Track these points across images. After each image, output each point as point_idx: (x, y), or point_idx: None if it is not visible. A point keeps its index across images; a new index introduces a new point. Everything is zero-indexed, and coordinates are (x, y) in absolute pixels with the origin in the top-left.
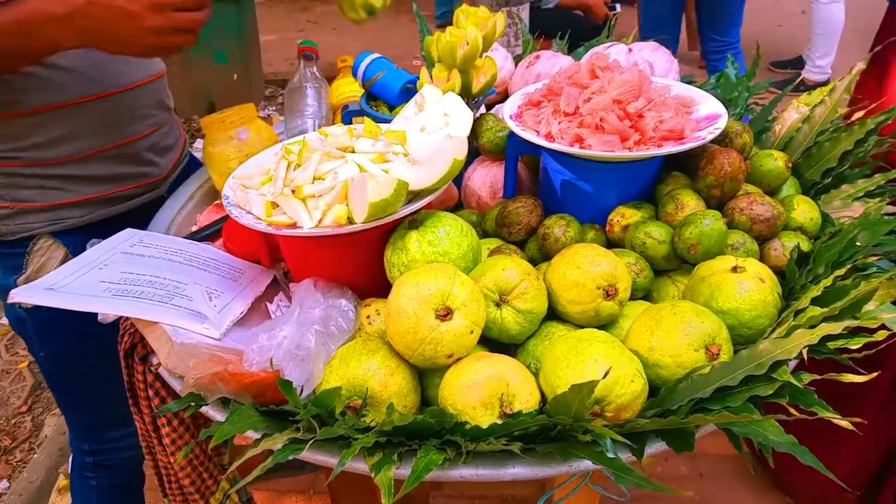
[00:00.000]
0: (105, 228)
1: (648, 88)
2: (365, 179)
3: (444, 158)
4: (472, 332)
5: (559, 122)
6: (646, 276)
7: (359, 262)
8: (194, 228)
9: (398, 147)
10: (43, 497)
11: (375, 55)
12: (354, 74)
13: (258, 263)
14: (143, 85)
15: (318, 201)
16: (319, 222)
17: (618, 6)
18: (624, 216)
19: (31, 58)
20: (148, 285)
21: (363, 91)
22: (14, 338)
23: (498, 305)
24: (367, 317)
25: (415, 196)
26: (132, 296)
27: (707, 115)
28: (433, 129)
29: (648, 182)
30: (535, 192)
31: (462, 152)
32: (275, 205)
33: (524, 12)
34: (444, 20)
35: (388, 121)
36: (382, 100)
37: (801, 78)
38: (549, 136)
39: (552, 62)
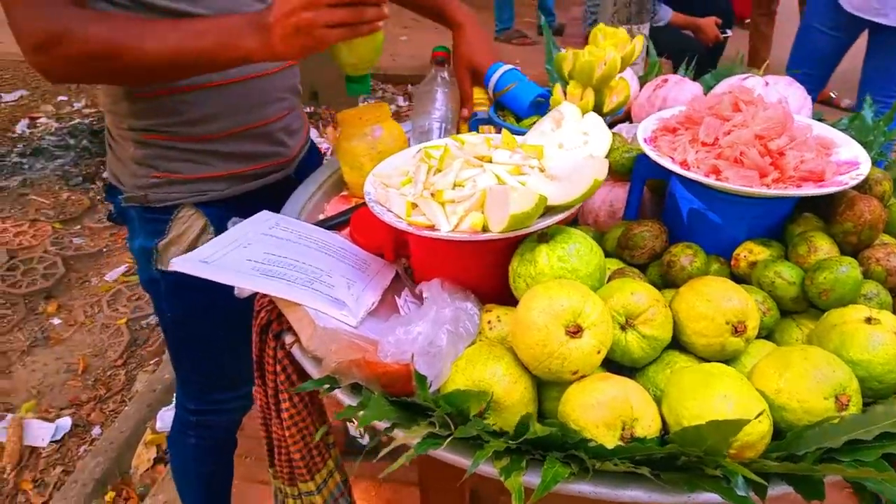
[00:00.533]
0: (240, 203)
1: (791, 126)
2: (507, 191)
3: (584, 177)
4: (598, 351)
5: (696, 151)
6: (772, 315)
7: (484, 268)
8: (321, 216)
9: (535, 161)
10: (131, 448)
11: (507, 66)
12: (485, 83)
13: (381, 257)
14: (282, 70)
15: (456, 207)
16: (456, 227)
17: (728, 31)
18: (752, 252)
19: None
20: (290, 268)
21: (491, 99)
22: (116, 294)
23: (623, 328)
24: (489, 322)
25: (548, 210)
26: (277, 276)
27: (848, 159)
28: (571, 147)
29: (779, 220)
30: (657, 216)
31: (603, 173)
32: (414, 205)
33: (645, 30)
34: (504, 34)
35: (518, 132)
36: (511, 110)
37: None
38: (684, 164)
39: (679, 87)
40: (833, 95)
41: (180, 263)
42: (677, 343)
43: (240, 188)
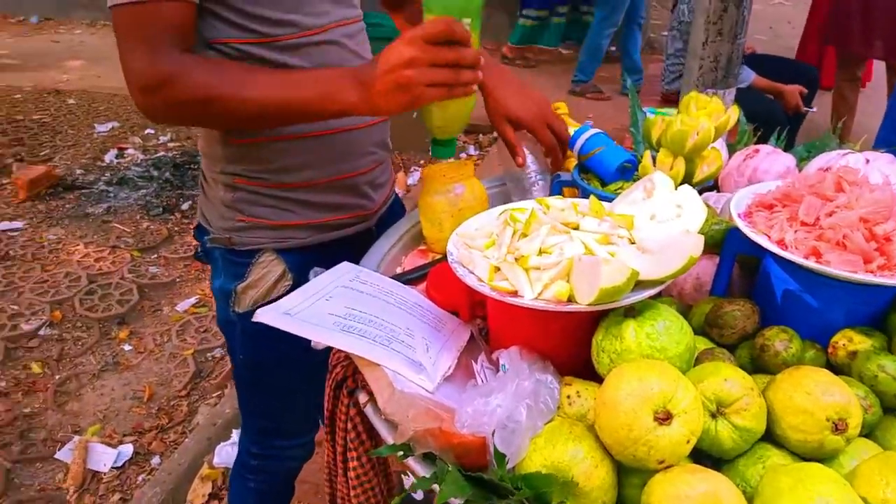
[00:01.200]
0: (320, 252)
1: None
2: (599, 263)
3: (679, 253)
4: (688, 441)
5: (795, 231)
6: (874, 412)
7: (564, 339)
8: (399, 270)
9: (624, 231)
10: (188, 480)
11: (595, 130)
12: (571, 146)
13: (456, 315)
14: (374, 125)
15: (541, 274)
16: (539, 294)
17: (814, 107)
18: (851, 341)
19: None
20: (370, 324)
21: (575, 161)
22: (185, 325)
23: (714, 417)
24: (568, 396)
25: (638, 284)
26: (356, 333)
27: None
28: (664, 219)
29: (881, 308)
30: (746, 293)
31: (698, 251)
32: (497, 269)
33: (731, 96)
34: (580, 86)
35: (604, 198)
36: (595, 174)
37: None
38: (781, 243)
39: (772, 159)
40: None
41: (265, 315)
42: (769, 436)
43: (320, 237)
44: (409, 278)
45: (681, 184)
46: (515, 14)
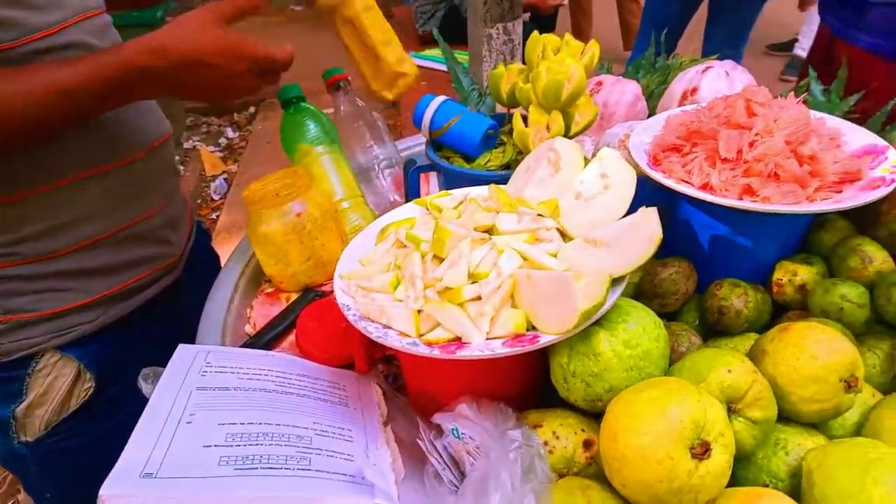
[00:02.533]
0: (121, 330)
1: (817, 125)
2: (567, 280)
3: (641, 238)
4: (729, 463)
5: (720, 172)
6: None
7: (513, 373)
8: (248, 328)
9: (551, 222)
10: None
11: (442, 98)
12: (416, 123)
13: (348, 367)
14: (158, 147)
15: (481, 306)
16: (490, 334)
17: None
18: (796, 274)
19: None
20: (269, 442)
21: (424, 137)
22: None
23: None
24: (546, 443)
25: None
26: (262, 466)
27: (865, 147)
28: (590, 196)
29: (804, 231)
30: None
31: (659, 229)
32: (418, 312)
33: (519, 28)
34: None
35: (481, 177)
36: (453, 149)
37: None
38: (707, 187)
39: (619, 89)
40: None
41: (112, 493)
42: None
43: (116, 311)
44: (268, 339)
45: None
46: None
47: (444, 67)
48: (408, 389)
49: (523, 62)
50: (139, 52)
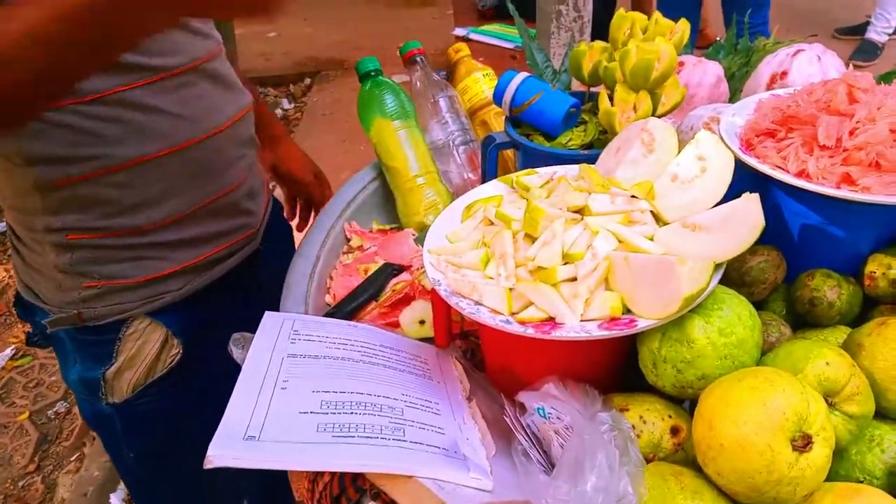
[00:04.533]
0: (206, 298)
1: None
2: (672, 265)
3: (744, 225)
4: (829, 458)
5: (817, 159)
6: None
7: (603, 357)
8: (328, 298)
9: (645, 204)
10: None
11: (524, 74)
12: (497, 100)
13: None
14: (238, 121)
15: (576, 287)
16: (584, 315)
17: None
18: (891, 267)
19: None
20: (363, 411)
21: (504, 114)
22: (7, 385)
23: None
24: (633, 427)
25: None
26: (359, 435)
27: None
28: (687, 178)
29: None
30: None
31: (762, 215)
32: (510, 290)
33: (589, 4)
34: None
35: (563, 156)
36: (534, 127)
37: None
38: (803, 175)
39: (701, 70)
40: (718, 39)
41: (219, 453)
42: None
43: (202, 280)
44: (349, 310)
45: None
46: None
47: (502, 43)
48: (487, 366)
49: (592, 38)
50: None
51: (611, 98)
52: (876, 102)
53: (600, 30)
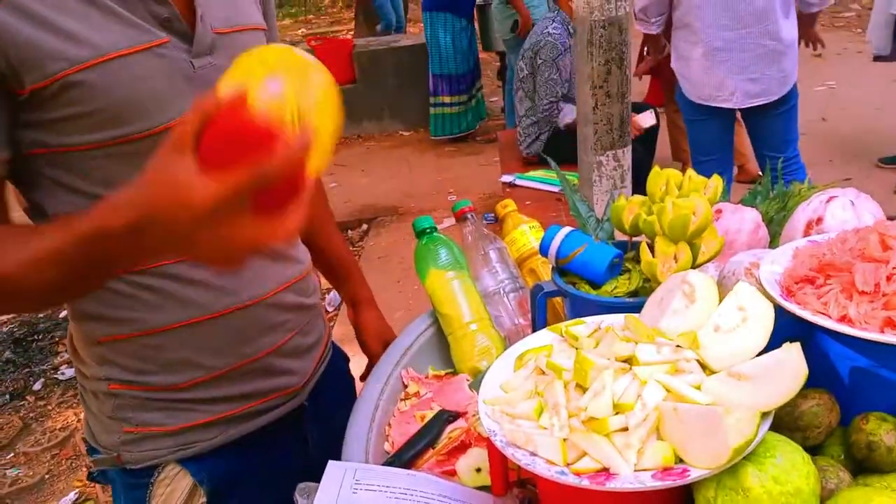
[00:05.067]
0: (239, 449)
1: None
2: (718, 416)
3: (788, 374)
4: None
5: (857, 304)
6: None
7: (654, 502)
8: (387, 446)
9: (690, 353)
10: None
11: (568, 229)
12: (543, 252)
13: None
14: (283, 291)
15: (628, 437)
16: (637, 465)
17: (654, 120)
18: None
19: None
20: None
21: (551, 265)
22: None
23: None
24: None
25: None
26: None
27: None
28: (729, 328)
29: None
30: None
31: (805, 364)
32: (564, 440)
33: (628, 154)
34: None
35: (608, 304)
36: (580, 277)
37: None
38: (846, 320)
39: (739, 217)
40: (761, 174)
41: None
42: None
43: (236, 432)
44: (409, 457)
45: None
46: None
47: (546, 187)
48: None
49: (633, 188)
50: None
51: (651, 249)
52: None
53: (642, 171)
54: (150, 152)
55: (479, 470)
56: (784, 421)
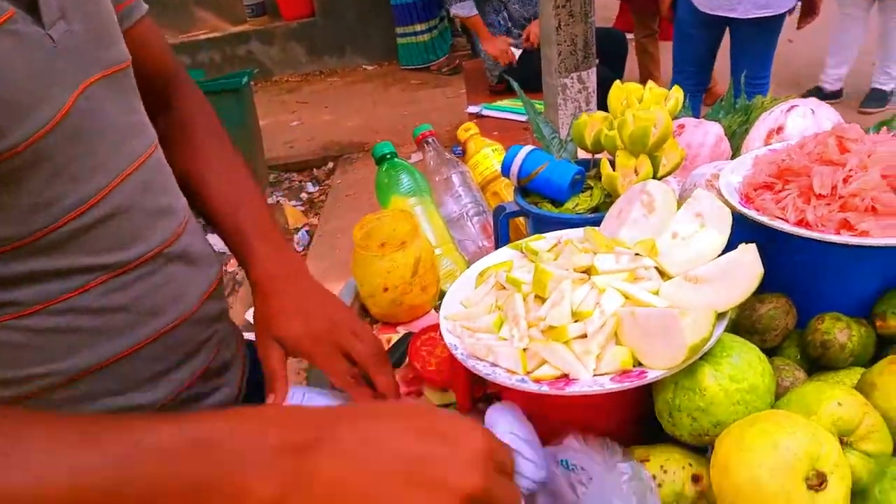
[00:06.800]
0: None
1: None
2: (674, 317)
3: (743, 275)
4: (847, 495)
5: (814, 207)
6: None
7: (615, 406)
8: None
9: (649, 261)
10: None
11: (529, 147)
12: (505, 171)
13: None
14: (208, 298)
15: (587, 344)
16: (597, 370)
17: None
18: None
19: None
20: None
21: (512, 185)
22: None
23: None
24: (654, 477)
25: None
26: None
27: None
28: (687, 234)
29: None
30: None
31: (760, 265)
32: (524, 350)
33: (593, 75)
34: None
35: (568, 220)
36: (542, 195)
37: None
38: (803, 223)
39: (702, 131)
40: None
41: None
42: None
43: None
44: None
45: None
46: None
47: (514, 117)
48: None
49: (598, 107)
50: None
51: (612, 163)
52: (866, 150)
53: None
54: (36, 166)
55: (445, 390)
56: (742, 325)
